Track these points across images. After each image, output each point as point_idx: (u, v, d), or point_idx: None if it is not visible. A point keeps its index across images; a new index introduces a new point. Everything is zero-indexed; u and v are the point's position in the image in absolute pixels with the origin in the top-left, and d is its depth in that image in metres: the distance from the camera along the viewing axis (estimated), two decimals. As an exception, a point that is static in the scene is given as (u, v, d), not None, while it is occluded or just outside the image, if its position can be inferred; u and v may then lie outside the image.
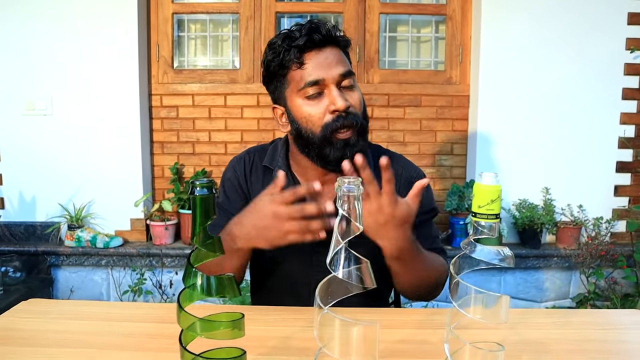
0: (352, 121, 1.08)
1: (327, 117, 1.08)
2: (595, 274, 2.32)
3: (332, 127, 1.07)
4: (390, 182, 0.97)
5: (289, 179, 1.18)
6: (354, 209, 0.65)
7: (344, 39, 1.14)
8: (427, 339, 0.93)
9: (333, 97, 1.07)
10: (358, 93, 1.12)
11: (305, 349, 0.88)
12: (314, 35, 1.07)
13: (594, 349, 0.90)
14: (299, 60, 1.08)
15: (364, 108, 1.14)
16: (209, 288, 0.66)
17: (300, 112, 1.11)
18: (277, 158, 1.22)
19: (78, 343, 0.90)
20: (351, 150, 1.08)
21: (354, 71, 1.13)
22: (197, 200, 0.65)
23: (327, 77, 1.07)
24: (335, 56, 1.10)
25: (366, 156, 1.17)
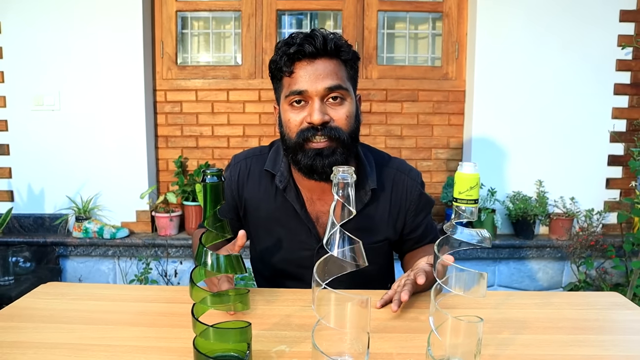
0: (328, 134, 1.11)
1: (303, 125, 1.13)
2: (586, 263, 2.39)
3: (304, 136, 1.12)
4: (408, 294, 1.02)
5: (291, 185, 1.23)
6: (348, 194, 0.73)
7: (342, 51, 1.13)
8: (417, 317, 1.01)
9: (312, 110, 1.10)
10: (346, 108, 1.13)
11: (304, 325, 0.96)
12: (305, 46, 1.09)
13: (570, 326, 0.98)
14: (288, 69, 1.12)
15: (355, 121, 1.16)
16: (219, 266, 0.74)
17: (284, 116, 1.16)
18: (279, 162, 1.26)
19: (96, 320, 0.98)
20: (322, 161, 1.12)
21: (348, 86, 1.14)
22: (208, 187, 0.72)
23: (310, 89, 1.10)
24: (326, 69, 1.11)
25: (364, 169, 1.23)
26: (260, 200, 1.27)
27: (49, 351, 0.84)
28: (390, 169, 1.29)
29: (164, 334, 0.92)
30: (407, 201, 1.28)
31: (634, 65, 2.52)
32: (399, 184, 1.28)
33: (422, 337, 0.90)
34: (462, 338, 0.78)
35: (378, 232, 1.27)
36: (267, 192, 1.26)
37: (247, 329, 0.77)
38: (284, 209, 1.24)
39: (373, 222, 1.26)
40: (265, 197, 1.26)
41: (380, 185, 1.26)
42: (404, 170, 1.30)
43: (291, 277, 1.29)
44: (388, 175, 1.28)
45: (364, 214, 1.23)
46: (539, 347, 0.88)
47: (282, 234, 1.26)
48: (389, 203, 1.27)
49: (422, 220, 1.31)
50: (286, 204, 1.24)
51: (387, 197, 1.27)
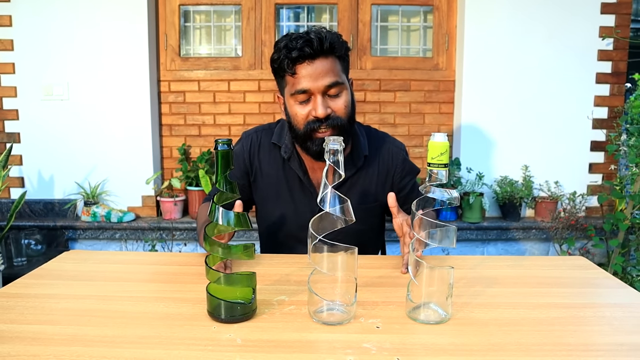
0: (332, 124, 1.28)
1: (309, 118, 1.29)
2: (568, 242, 2.53)
3: (311, 128, 1.29)
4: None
5: (294, 155, 1.41)
6: (337, 160, 0.86)
7: (335, 49, 1.27)
8: (401, 275, 1.15)
9: (316, 105, 1.27)
10: (344, 99, 1.30)
11: (301, 281, 1.09)
12: (305, 49, 1.24)
13: (535, 281, 1.11)
14: (291, 70, 1.27)
15: (351, 107, 1.33)
16: (229, 222, 0.87)
17: (291, 110, 1.33)
18: (284, 136, 1.43)
19: (118, 278, 1.11)
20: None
21: (344, 79, 1.30)
22: (219, 154, 0.85)
23: (313, 87, 1.26)
24: (325, 66, 1.26)
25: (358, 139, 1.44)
26: (269, 169, 1.44)
27: (79, 301, 0.97)
28: (379, 140, 1.50)
29: (179, 288, 1.05)
30: (393, 165, 1.47)
31: (614, 55, 2.65)
32: (385, 151, 1.48)
33: (405, 290, 1.03)
34: (437, 285, 0.92)
35: (370, 194, 1.45)
36: (275, 162, 1.44)
37: (252, 276, 0.90)
38: (290, 177, 1.42)
39: (365, 185, 1.44)
40: (273, 166, 1.44)
41: (371, 152, 1.46)
42: (390, 140, 1.52)
43: (294, 238, 1.43)
44: (377, 145, 1.48)
45: (358, 177, 1.43)
46: (506, 297, 1.01)
47: (287, 199, 1.43)
48: (378, 168, 1.46)
49: (407, 182, 1.49)
50: (291, 172, 1.42)
51: (376, 163, 1.46)
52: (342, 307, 0.91)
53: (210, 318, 0.88)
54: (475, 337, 0.83)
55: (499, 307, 0.96)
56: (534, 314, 0.92)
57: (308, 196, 1.42)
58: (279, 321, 0.88)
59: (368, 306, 0.96)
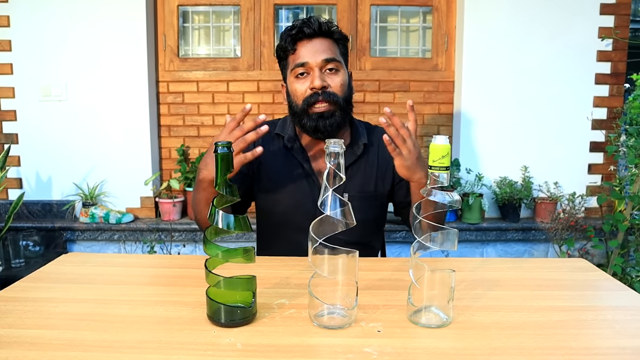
0: (327, 98, 1.34)
1: (307, 92, 1.35)
2: (567, 243, 2.52)
3: (308, 101, 1.35)
4: (414, 123, 1.27)
5: (297, 144, 1.45)
6: (338, 163, 0.86)
7: (334, 32, 1.38)
8: (401, 278, 1.14)
9: (313, 77, 1.34)
10: (341, 77, 1.37)
11: (302, 284, 1.08)
12: (304, 28, 1.34)
13: (536, 284, 1.11)
14: (292, 47, 1.36)
15: (348, 89, 1.40)
16: (229, 224, 0.87)
17: (291, 87, 1.40)
18: (287, 128, 1.47)
19: (117, 281, 1.11)
20: (324, 122, 1.35)
21: (340, 59, 1.38)
22: (219, 157, 0.84)
23: (310, 60, 1.34)
24: (323, 45, 1.35)
25: (357, 129, 1.48)
26: (272, 158, 1.46)
27: (78, 304, 0.97)
28: (377, 132, 1.52)
29: (178, 292, 1.04)
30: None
31: (613, 56, 2.65)
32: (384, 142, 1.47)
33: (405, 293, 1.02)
34: (438, 288, 0.91)
35: (370, 182, 1.46)
36: (279, 151, 1.47)
37: (252, 279, 0.89)
38: (292, 165, 1.45)
39: (365, 174, 1.46)
40: (277, 155, 1.46)
41: (370, 142, 1.48)
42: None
43: (296, 227, 1.42)
44: (376, 136, 1.50)
45: (358, 166, 1.46)
46: (507, 300, 1.01)
47: (289, 187, 1.44)
48: (378, 157, 1.48)
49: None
50: (294, 161, 1.44)
51: (376, 153, 1.48)
52: (343, 310, 0.90)
53: (210, 322, 0.88)
54: (477, 340, 0.82)
55: (500, 311, 0.95)
56: (536, 317, 0.92)
57: (311, 184, 1.43)
58: (279, 325, 0.88)
59: (369, 310, 0.95)
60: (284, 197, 1.45)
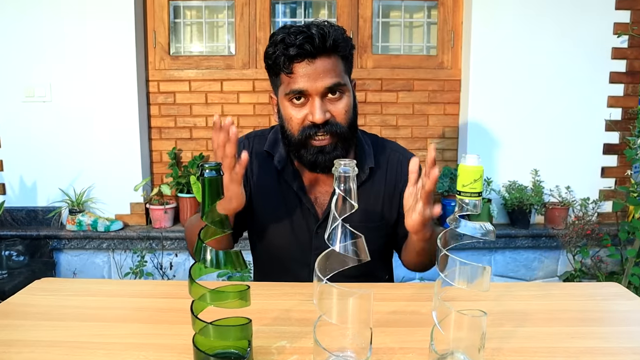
0: (330, 130, 1.14)
1: (305, 123, 1.15)
2: (581, 252, 2.40)
3: (307, 134, 1.15)
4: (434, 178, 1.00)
5: (289, 166, 1.27)
6: (350, 188, 0.72)
7: (339, 48, 1.14)
8: (418, 310, 1.00)
9: (313, 108, 1.12)
10: (345, 102, 1.16)
11: (304, 319, 0.95)
12: (305, 46, 1.09)
13: (571, 317, 0.98)
14: (288, 69, 1.12)
15: (353, 114, 1.19)
16: (218, 262, 0.73)
17: (285, 112, 1.18)
18: (278, 145, 1.28)
19: (92, 317, 0.97)
20: (324, 157, 1.16)
21: (346, 81, 1.16)
22: (206, 181, 0.71)
23: (310, 89, 1.12)
24: (325, 67, 1.12)
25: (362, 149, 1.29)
26: (262, 181, 1.29)
27: (45, 349, 0.83)
28: (385, 150, 1.33)
29: (162, 331, 0.90)
30: (402, 178, 1.28)
31: (629, 53, 2.52)
32: (393, 161, 1.32)
33: (424, 330, 0.89)
34: (466, 332, 0.77)
35: (375, 211, 1.28)
36: (268, 173, 1.29)
37: (247, 326, 0.76)
38: (284, 190, 1.27)
39: (370, 201, 1.28)
40: (266, 177, 1.29)
41: (377, 164, 1.30)
42: (398, 149, 1.35)
43: (291, 259, 1.29)
44: (383, 155, 1.32)
45: (361, 192, 1.24)
46: (541, 340, 0.88)
47: (281, 214, 1.27)
48: (385, 181, 1.30)
49: None
50: (286, 184, 1.27)
51: (383, 176, 1.30)
52: (354, 358, 0.77)
53: (197, 376, 0.74)
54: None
55: (535, 355, 0.82)
56: (579, 365, 0.78)
57: (305, 213, 1.26)
58: (279, 380, 0.74)
59: (383, 354, 0.82)
60: (276, 227, 1.28)
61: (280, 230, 1.28)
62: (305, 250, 1.27)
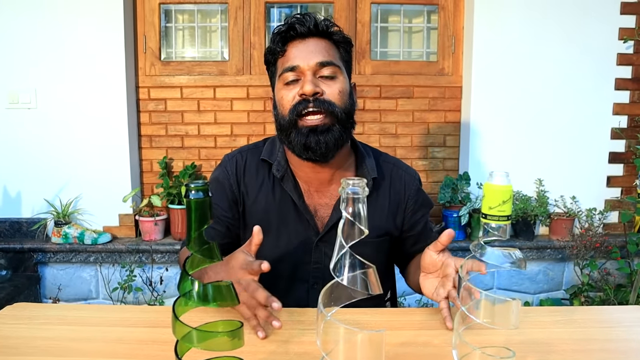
0: (321, 106, 1.07)
1: (295, 99, 1.09)
2: (590, 265, 2.31)
3: (297, 110, 1.08)
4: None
5: (288, 174, 1.19)
6: (359, 211, 0.62)
7: (332, 32, 1.13)
8: (430, 341, 0.91)
9: (303, 82, 1.08)
10: (339, 84, 1.10)
11: (305, 353, 0.85)
12: (297, 25, 1.10)
13: (599, 347, 0.89)
14: (281, 49, 1.12)
15: (349, 100, 1.13)
16: (206, 296, 0.63)
17: (278, 96, 1.14)
18: (276, 152, 1.21)
19: (67, 351, 0.86)
20: (316, 138, 1.07)
21: (340, 64, 1.12)
22: (192, 204, 0.61)
23: (302, 64, 1.08)
24: (317, 46, 1.10)
25: (362, 158, 1.21)
26: (258, 193, 1.20)
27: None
28: (387, 164, 1.26)
29: (145, 368, 0.80)
30: (406, 196, 1.24)
31: (635, 59, 2.45)
32: (396, 179, 1.24)
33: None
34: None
35: (378, 225, 1.20)
36: (265, 184, 1.20)
37: (240, 369, 0.66)
38: (282, 201, 1.19)
39: (373, 214, 1.18)
40: (263, 189, 1.20)
41: (380, 176, 1.22)
42: (402, 166, 1.28)
43: (289, 277, 1.19)
44: (386, 169, 1.25)
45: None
46: (570, 376, 0.78)
47: (279, 228, 1.19)
48: (389, 197, 1.22)
49: (420, 218, 1.26)
50: (284, 195, 1.18)
51: (387, 191, 1.22)
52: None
53: None
54: None
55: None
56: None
57: (305, 225, 1.17)
58: None
59: (395, 397, 0.72)
60: (272, 241, 1.18)
61: (277, 245, 1.19)
62: (303, 264, 1.18)
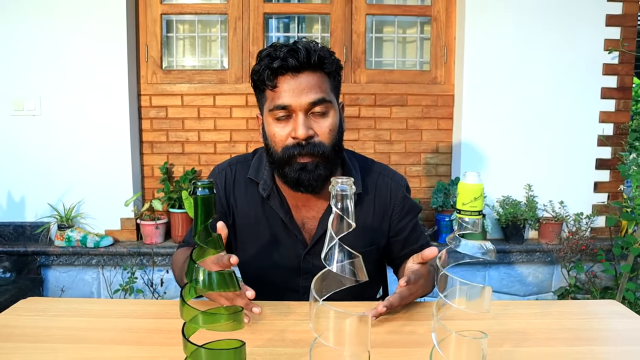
0: (312, 150, 1.11)
1: (288, 141, 1.12)
2: (576, 267, 2.39)
3: (289, 152, 1.12)
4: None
5: (275, 193, 1.23)
6: (347, 207, 0.70)
7: (325, 64, 1.12)
8: (415, 330, 0.98)
9: (296, 125, 1.10)
10: (330, 121, 1.13)
11: (299, 340, 0.92)
12: (289, 60, 1.08)
13: (572, 336, 0.96)
14: (272, 83, 1.11)
15: (337, 134, 1.16)
16: (211, 283, 0.70)
17: (269, 130, 1.16)
18: (262, 170, 1.25)
19: (79, 339, 0.93)
20: (307, 176, 1.12)
21: (331, 98, 1.14)
22: (199, 200, 0.68)
23: (294, 104, 1.09)
24: (310, 82, 1.10)
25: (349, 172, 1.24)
26: (246, 207, 1.25)
27: (29, 374, 0.80)
28: (373, 174, 1.29)
29: (153, 353, 0.87)
30: (391, 204, 1.27)
31: (620, 69, 2.54)
32: (382, 187, 1.27)
33: (421, 351, 0.87)
34: (466, 354, 0.75)
35: (364, 237, 1.25)
36: (253, 199, 1.25)
37: (241, 349, 0.73)
38: (270, 216, 1.23)
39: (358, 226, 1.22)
40: (251, 204, 1.25)
41: (365, 189, 1.26)
42: (387, 174, 1.30)
43: (281, 288, 1.25)
44: (371, 179, 1.27)
45: None
46: (541, 361, 0.86)
47: (268, 241, 1.24)
48: (373, 207, 1.26)
49: (407, 224, 1.29)
50: (272, 211, 1.23)
51: (371, 201, 1.26)
52: (351, 382, 0.74)
53: (188, 403, 0.71)
54: None
55: (537, 377, 0.80)
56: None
57: (293, 239, 1.22)
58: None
59: (381, 377, 0.79)
60: (263, 255, 1.24)
61: (267, 257, 1.25)
62: (293, 276, 1.24)
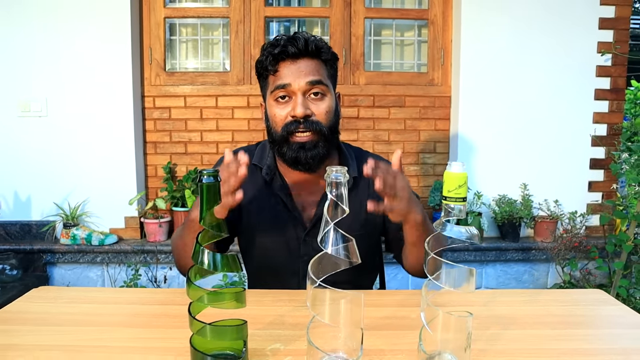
0: (310, 127, 1.20)
1: (287, 119, 1.21)
2: (570, 264, 2.44)
3: (288, 130, 1.20)
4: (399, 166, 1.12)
5: (277, 177, 1.31)
6: (341, 193, 0.75)
7: (322, 51, 1.22)
8: (408, 315, 1.03)
9: (295, 104, 1.19)
10: (326, 103, 1.22)
11: (298, 324, 0.98)
12: (289, 47, 1.19)
13: (556, 321, 1.01)
14: (274, 68, 1.21)
15: (334, 116, 1.25)
16: (215, 264, 0.76)
17: (270, 111, 1.25)
18: (265, 157, 1.32)
19: (90, 322, 0.99)
20: (305, 154, 1.21)
21: (328, 83, 1.23)
22: (204, 187, 0.74)
23: (293, 83, 1.19)
24: (308, 67, 1.20)
25: (345, 159, 1.32)
26: (250, 192, 1.31)
27: (44, 353, 0.85)
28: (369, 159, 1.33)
29: (160, 335, 0.93)
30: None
31: (613, 71, 2.59)
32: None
33: (414, 334, 0.92)
34: (453, 333, 0.81)
35: (359, 220, 1.30)
36: (256, 186, 1.31)
37: (243, 327, 0.78)
38: (272, 201, 1.30)
39: (354, 211, 1.27)
40: (254, 190, 1.31)
41: (360, 175, 1.30)
42: (382, 159, 1.35)
43: (283, 269, 1.31)
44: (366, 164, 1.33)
45: None
46: (526, 342, 0.91)
47: (270, 224, 1.30)
48: (367, 190, 1.31)
49: None
50: (274, 196, 1.30)
51: (366, 185, 1.32)
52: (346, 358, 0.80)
53: (194, 376, 0.76)
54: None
55: (520, 355, 0.85)
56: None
57: (293, 221, 1.29)
58: (273, 379, 0.77)
59: (374, 355, 0.85)
60: (266, 238, 1.31)
61: (269, 239, 1.31)
62: (293, 258, 1.30)
